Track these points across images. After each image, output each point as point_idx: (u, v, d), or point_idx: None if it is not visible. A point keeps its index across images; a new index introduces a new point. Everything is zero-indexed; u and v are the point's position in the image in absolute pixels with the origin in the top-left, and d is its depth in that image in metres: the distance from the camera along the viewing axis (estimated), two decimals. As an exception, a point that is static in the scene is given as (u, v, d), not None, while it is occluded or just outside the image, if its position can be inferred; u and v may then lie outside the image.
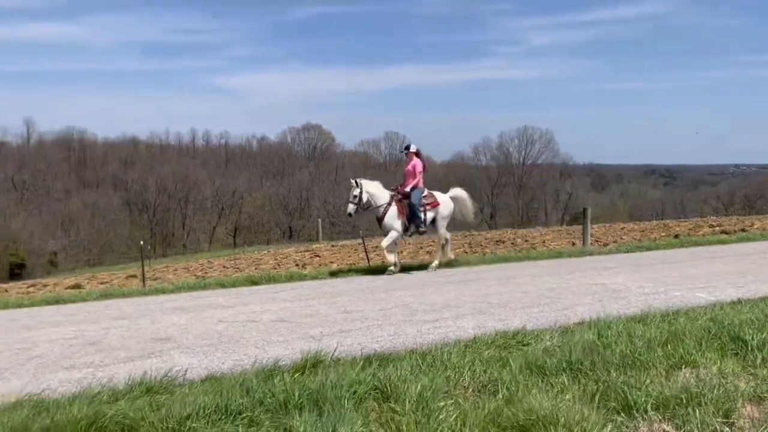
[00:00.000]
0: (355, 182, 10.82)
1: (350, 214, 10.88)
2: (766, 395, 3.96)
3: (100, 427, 3.59)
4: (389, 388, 4.04)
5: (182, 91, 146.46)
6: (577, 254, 13.19)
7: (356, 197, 10.66)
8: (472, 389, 4.17)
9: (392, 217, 10.69)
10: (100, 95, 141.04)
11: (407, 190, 10.90)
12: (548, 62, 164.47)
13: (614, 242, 18.38)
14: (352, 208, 10.72)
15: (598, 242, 18.34)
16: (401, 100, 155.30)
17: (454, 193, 11.60)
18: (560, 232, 26.41)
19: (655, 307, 6.67)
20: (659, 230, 22.89)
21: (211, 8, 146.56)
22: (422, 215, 10.77)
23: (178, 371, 4.73)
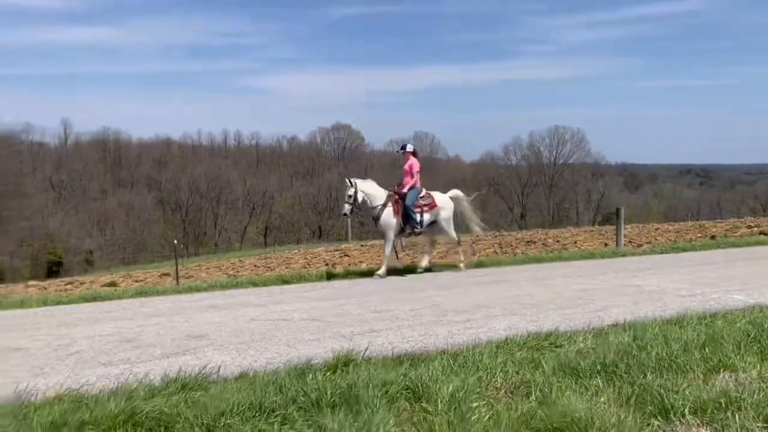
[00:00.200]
0: (349, 182, 10.69)
1: (346, 214, 10.80)
2: (809, 401, 3.85)
3: (136, 422, 3.66)
4: (421, 388, 4.04)
5: (215, 92, 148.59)
6: (610, 255, 13.00)
7: (351, 197, 10.53)
8: (504, 390, 4.15)
9: (388, 217, 10.57)
10: (135, 97, 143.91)
11: (404, 191, 10.77)
12: (580, 61, 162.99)
13: (648, 243, 18.06)
14: (347, 208, 10.60)
15: (631, 243, 18.05)
16: (431, 99, 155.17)
17: (453, 193, 11.47)
18: (592, 232, 26.03)
19: (691, 309, 6.56)
20: (695, 231, 22.38)
21: (243, 11, 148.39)
22: (418, 216, 10.63)
23: (212, 368, 4.80)
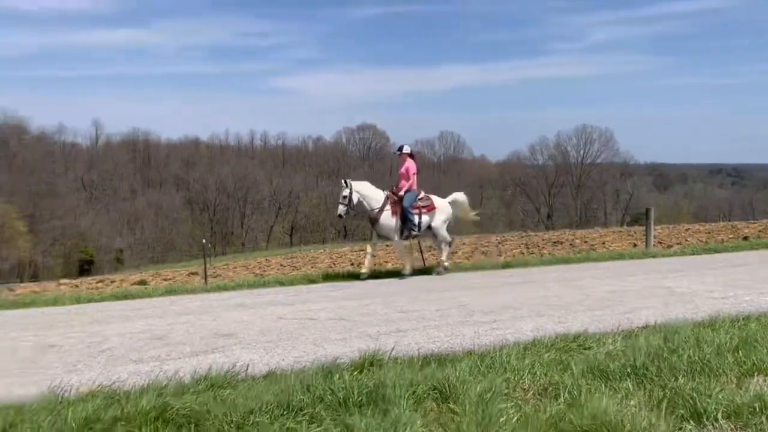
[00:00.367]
0: (344, 183, 10.58)
1: (340, 215, 10.63)
2: None
3: (167, 419, 3.72)
4: (448, 388, 4.03)
5: (243, 92, 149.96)
6: (639, 256, 12.80)
7: (346, 198, 10.41)
8: (532, 392, 4.12)
9: (387, 219, 10.46)
10: (164, 98, 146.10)
11: (401, 193, 10.65)
12: (608, 59, 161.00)
13: (678, 244, 17.78)
14: (342, 209, 10.46)
15: (661, 244, 17.79)
16: (456, 99, 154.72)
17: (453, 197, 11.35)
18: (620, 233, 25.72)
19: (724, 311, 6.43)
20: (726, 232, 21.98)
21: (270, 12, 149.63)
22: (415, 218, 10.51)
23: (240, 367, 4.85)
